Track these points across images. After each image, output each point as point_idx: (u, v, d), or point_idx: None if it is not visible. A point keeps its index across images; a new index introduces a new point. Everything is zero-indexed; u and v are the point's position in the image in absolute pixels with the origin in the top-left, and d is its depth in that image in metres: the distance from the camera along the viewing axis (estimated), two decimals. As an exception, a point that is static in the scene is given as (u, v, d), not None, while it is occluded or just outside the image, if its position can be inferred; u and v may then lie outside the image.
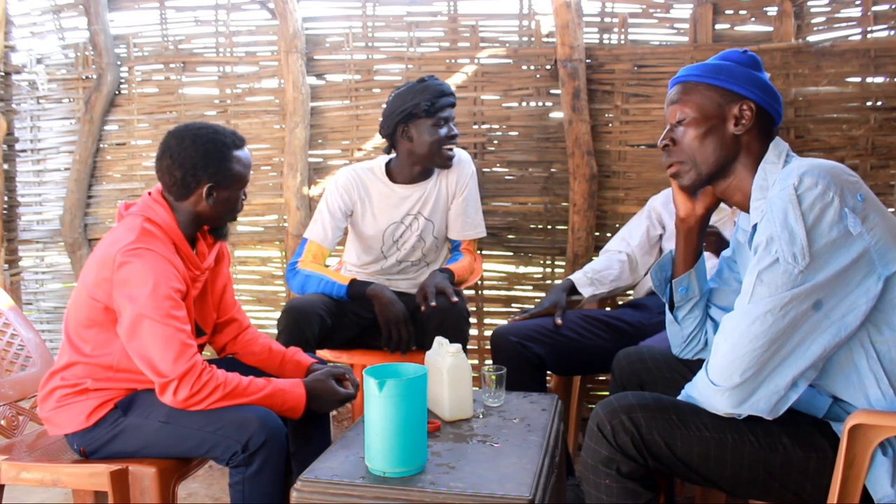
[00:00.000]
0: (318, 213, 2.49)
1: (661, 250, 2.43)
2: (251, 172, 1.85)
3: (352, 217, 2.49)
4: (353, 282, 2.34)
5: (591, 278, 2.32)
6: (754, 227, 1.37)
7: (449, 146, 2.39)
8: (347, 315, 2.38)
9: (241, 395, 1.66)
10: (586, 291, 2.31)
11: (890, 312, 1.24)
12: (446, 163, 2.42)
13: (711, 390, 1.29)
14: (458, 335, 1.94)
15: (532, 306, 3.05)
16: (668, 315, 1.63)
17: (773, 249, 1.23)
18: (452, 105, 2.39)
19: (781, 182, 1.27)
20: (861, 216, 1.22)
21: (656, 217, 2.44)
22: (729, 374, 1.26)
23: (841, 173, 1.26)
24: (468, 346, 2.53)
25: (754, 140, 1.40)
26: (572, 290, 2.32)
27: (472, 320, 3.09)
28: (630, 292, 2.62)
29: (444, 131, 2.36)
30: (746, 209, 1.44)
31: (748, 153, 1.40)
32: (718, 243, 2.16)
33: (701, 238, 1.58)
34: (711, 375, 1.29)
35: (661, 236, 2.44)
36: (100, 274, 1.67)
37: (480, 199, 2.58)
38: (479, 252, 2.69)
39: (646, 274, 2.39)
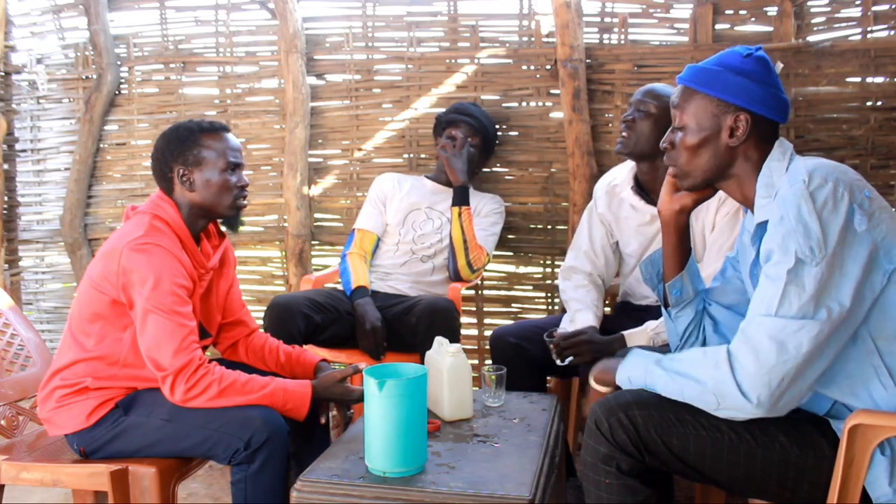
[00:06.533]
0: (362, 207, 2.80)
1: (622, 257, 2.31)
2: (239, 159, 1.82)
3: (386, 205, 2.74)
4: (358, 289, 2.53)
5: (596, 315, 2.22)
6: (757, 226, 1.37)
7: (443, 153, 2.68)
8: (342, 314, 2.49)
9: (238, 392, 1.66)
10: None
11: (890, 308, 1.25)
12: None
13: (740, 400, 1.24)
14: (448, 332, 1.96)
15: (532, 306, 3.09)
16: (664, 312, 1.64)
17: (792, 249, 1.22)
18: (464, 122, 2.69)
19: (791, 179, 1.28)
20: (868, 213, 1.23)
21: (607, 223, 2.29)
22: (767, 381, 1.22)
23: (847, 171, 1.28)
24: (468, 347, 2.55)
25: (752, 148, 1.39)
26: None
27: (472, 320, 3.11)
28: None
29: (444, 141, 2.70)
30: (746, 206, 1.44)
31: (746, 160, 1.39)
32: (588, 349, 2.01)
33: (682, 236, 1.57)
34: (744, 384, 1.24)
35: (618, 244, 2.31)
36: (106, 267, 1.68)
37: (497, 236, 2.75)
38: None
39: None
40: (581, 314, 2.16)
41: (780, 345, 1.21)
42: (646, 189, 2.19)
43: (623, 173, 2.26)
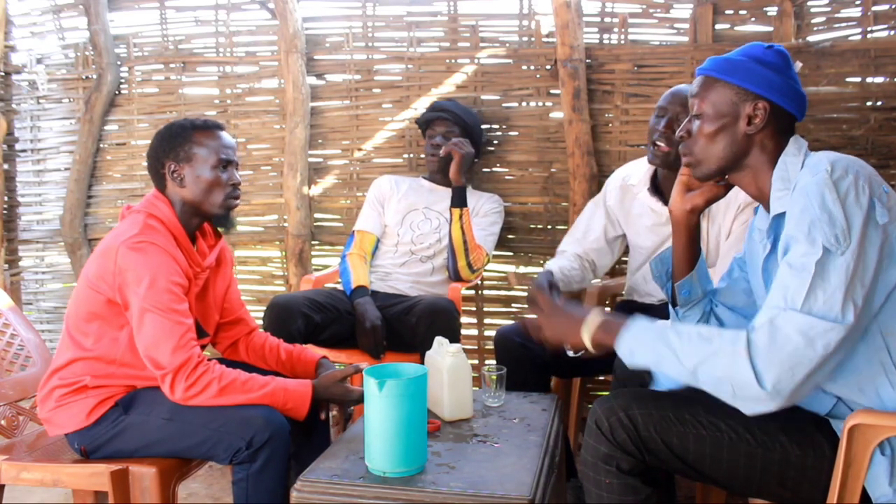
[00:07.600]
0: (362, 209, 2.82)
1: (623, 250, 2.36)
2: (231, 156, 1.82)
3: (384, 206, 2.76)
4: (358, 288, 2.55)
5: (561, 279, 2.24)
6: (773, 219, 1.35)
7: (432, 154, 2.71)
8: (342, 313, 2.50)
9: (239, 391, 1.66)
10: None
11: None
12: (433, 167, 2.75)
13: (756, 390, 1.19)
14: (448, 332, 1.96)
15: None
16: (671, 311, 1.63)
17: (819, 239, 1.19)
18: (440, 119, 2.71)
19: (812, 169, 1.26)
20: (887, 207, 1.23)
21: (614, 217, 2.34)
22: (792, 375, 1.17)
23: (866, 165, 1.27)
24: (468, 347, 2.56)
25: (768, 138, 1.38)
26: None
27: (472, 320, 3.11)
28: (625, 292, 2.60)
29: (430, 143, 2.73)
30: (761, 201, 1.43)
31: (762, 150, 1.38)
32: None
33: (693, 237, 1.56)
34: (764, 376, 1.18)
35: (622, 238, 2.35)
36: (102, 266, 1.68)
37: (497, 235, 2.76)
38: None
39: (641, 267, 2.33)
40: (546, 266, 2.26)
41: (809, 341, 1.17)
42: (662, 190, 2.22)
43: (640, 173, 2.29)
